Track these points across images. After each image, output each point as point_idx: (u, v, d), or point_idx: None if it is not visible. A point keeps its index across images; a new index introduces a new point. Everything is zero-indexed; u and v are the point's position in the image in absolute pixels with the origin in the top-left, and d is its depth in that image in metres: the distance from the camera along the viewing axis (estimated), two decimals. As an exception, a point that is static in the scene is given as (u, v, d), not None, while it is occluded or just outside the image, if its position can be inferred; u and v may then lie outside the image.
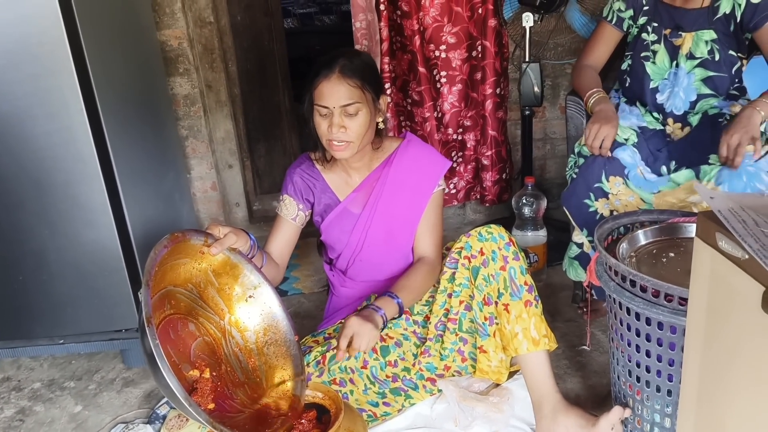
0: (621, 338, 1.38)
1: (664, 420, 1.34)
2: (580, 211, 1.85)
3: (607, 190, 1.77)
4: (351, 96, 1.47)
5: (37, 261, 1.82)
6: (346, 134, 1.49)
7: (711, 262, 0.96)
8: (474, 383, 1.63)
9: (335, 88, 1.46)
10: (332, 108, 1.47)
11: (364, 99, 1.49)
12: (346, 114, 1.48)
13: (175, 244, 1.31)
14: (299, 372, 1.41)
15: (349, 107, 1.47)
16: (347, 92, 1.47)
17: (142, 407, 1.80)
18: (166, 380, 1.11)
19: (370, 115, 1.52)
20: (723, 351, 0.96)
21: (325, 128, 1.50)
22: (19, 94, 1.67)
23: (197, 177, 2.78)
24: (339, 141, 1.50)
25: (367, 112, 1.50)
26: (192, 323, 1.39)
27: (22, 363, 2.07)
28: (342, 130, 1.49)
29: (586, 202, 1.81)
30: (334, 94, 1.47)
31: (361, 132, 1.51)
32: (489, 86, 2.54)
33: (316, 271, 2.52)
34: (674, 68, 1.83)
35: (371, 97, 1.51)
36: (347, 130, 1.49)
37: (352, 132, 1.50)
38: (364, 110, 1.50)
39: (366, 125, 1.51)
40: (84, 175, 1.75)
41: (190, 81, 2.61)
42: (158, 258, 1.25)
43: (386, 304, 1.49)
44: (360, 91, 1.48)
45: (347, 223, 1.67)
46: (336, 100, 1.47)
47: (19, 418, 1.80)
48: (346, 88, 1.47)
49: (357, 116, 1.49)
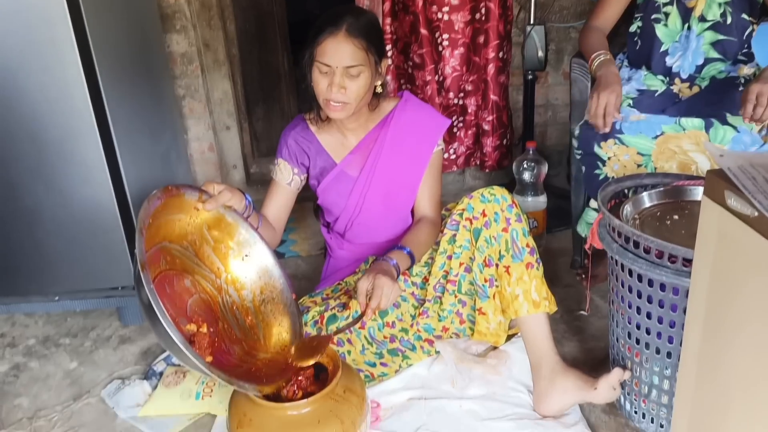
0: (622, 300, 1.37)
1: (662, 382, 1.34)
2: (592, 184, 1.82)
3: (603, 157, 1.75)
4: (355, 57, 1.43)
5: (32, 217, 1.80)
6: (344, 95, 1.46)
7: (719, 220, 0.94)
8: (472, 345, 1.63)
9: (340, 47, 1.42)
10: (334, 67, 1.43)
11: (367, 61, 1.45)
12: (348, 75, 1.44)
13: (169, 198, 1.30)
14: (297, 330, 1.41)
15: (352, 69, 1.43)
16: (352, 53, 1.43)
17: (138, 364, 1.79)
18: (163, 326, 1.10)
19: (371, 78, 1.49)
20: (726, 311, 0.95)
21: (324, 86, 1.46)
22: (13, 46, 1.62)
23: (194, 138, 2.75)
24: (336, 101, 1.47)
25: (368, 75, 1.47)
26: (188, 279, 1.38)
27: (16, 320, 2.07)
28: (342, 91, 1.45)
29: (596, 172, 1.79)
30: (338, 53, 1.42)
31: (361, 94, 1.47)
32: (492, 50, 2.49)
33: (313, 234, 2.51)
34: (686, 31, 1.80)
35: (374, 60, 1.48)
36: (346, 91, 1.45)
37: (351, 94, 1.46)
38: (366, 73, 1.46)
39: (366, 88, 1.48)
40: (79, 131, 1.71)
41: (188, 38, 2.56)
42: (152, 209, 1.24)
43: (397, 256, 1.48)
44: (364, 53, 1.44)
45: (344, 187, 1.65)
46: (339, 60, 1.42)
47: (13, 374, 1.80)
48: (351, 48, 1.42)
49: (358, 78, 1.45)
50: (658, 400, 1.37)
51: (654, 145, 1.69)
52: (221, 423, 1.51)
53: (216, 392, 1.56)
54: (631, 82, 1.84)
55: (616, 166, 1.74)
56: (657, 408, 1.38)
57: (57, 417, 1.61)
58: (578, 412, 1.48)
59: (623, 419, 1.47)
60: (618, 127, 1.70)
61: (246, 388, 1.21)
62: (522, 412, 1.49)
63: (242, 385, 1.21)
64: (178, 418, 1.54)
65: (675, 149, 1.66)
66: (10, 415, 1.63)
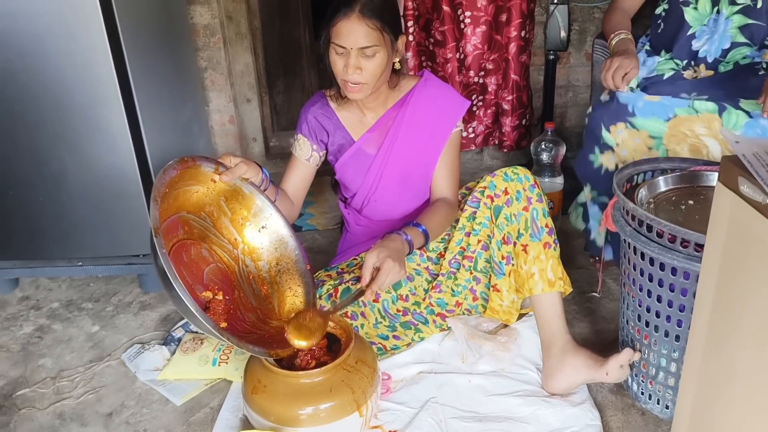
0: (633, 283, 1.38)
1: (669, 364, 1.36)
2: (586, 168, 1.82)
3: (610, 143, 1.74)
4: (369, 38, 1.42)
5: (57, 183, 1.84)
6: (361, 76, 1.45)
7: (731, 207, 0.95)
8: (483, 323, 1.66)
9: (354, 28, 1.41)
10: (349, 48, 1.43)
11: (383, 41, 1.44)
12: (363, 55, 1.44)
13: (185, 169, 1.32)
14: (311, 299, 1.44)
15: (366, 49, 1.43)
16: (366, 33, 1.42)
17: (158, 330, 1.84)
18: (176, 289, 1.13)
19: (387, 57, 1.48)
20: (735, 297, 0.96)
21: (340, 67, 1.46)
22: (39, 12, 1.65)
23: (215, 110, 2.77)
24: (354, 82, 1.47)
25: (384, 54, 1.46)
26: (205, 249, 1.42)
27: (40, 283, 2.12)
28: (358, 72, 1.45)
29: (590, 158, 1.79)
30: (352, 34, 1.41)
31: (377, 74, 1.47)
32: (514, 28, 2.48)
33: (330, 208, 2.53)
34: (715, 14, 1.77)
35: (390, 39, 1.47)
36: (363, 71, 1.45)
37: (368, 73, 1.46)
38: (381, 52, 1.45)
39: (383, 67, 1.47)
40: (104, 98, 1.75)
41: (211, 10, 2.57)
42: (167, 179, 1.27)
43: (412, 233, 1.48)
44: (379, 33, 1.43)
45: (362, 164, 1.66)
46: (354, 41, 1.42)
47: (37, 335, 1.86)
48: (365, 29, 1.41)
49: (374, 58, 1.45)
50: (664, 382, 1.39)
51: (666, 128, 1.67)
52: (236, 389, 1.56)
53: (232, 359, 1.61)
54: (642, 67, 1.81)
55: (624, 152, 1.73)
56: (663, 390, 1.39)
57: (79, 378, 1.67)
58: (585, 391, 1.50)
59: (630, 399, 1.49)
60: (630, 110, 1.69)
61: (256, 351, 1.25)
62: (530, 389, 1.51)
63: (252, 348, 1.25)
64: (195, 383, 1.59)
65: (687, 132, 1.65)
66: (35, 374, 1.69)
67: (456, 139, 1.67)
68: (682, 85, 1.72)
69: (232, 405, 1.52)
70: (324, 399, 1.27)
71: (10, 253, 1.98)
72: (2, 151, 1.80)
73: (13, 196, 1.86)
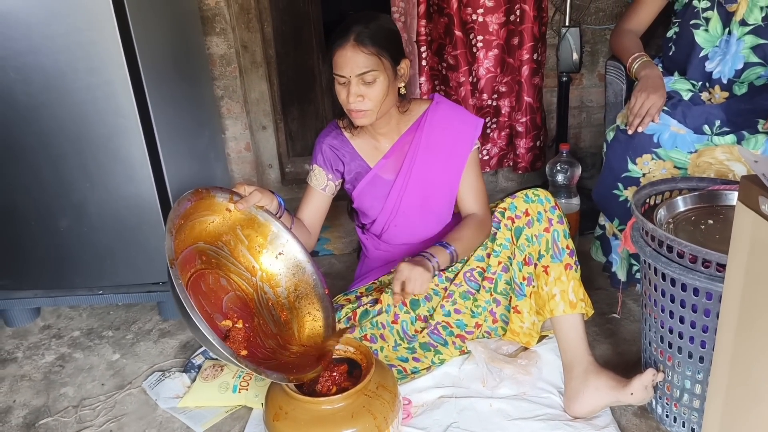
0: (654, 304, 1.37)
1: (694, 386, 1.34)
2: (610, 201, 1.83)
3: (637, 175, 1.74)
4: (366, 64, 1.44)
5: (78, 213, 1.87)
6: (363, 103, 1.47)
7: (752, 226, 0.94)
8: (503, 345, 1.65)
9: (350, 56, 1.44)
10: (349, 77, 1.45)
11: (381, 66, 1.46)
12: (363, 83, 1.46)
13: (200, 200, 1.35)
14: (330, 324, 1.44)
15: (365, 75, 1.45)
16: (362, 61, 1.44)
17: (178, 357, 1.85)
18: (192, 318, 1.15)
19: (389, 82, 1.49)
20: (759, 317, 0.95)
21: (344, 97, 1.49)
22: (61, 47, 1.69)
23: (231, 137, 2.81)
24: (357, 110, 1.49)
25: (384, 79, 1.48)
26: (224, 278, 1.43)
27: (62, 312, 2.15)
28: (359, 99, 1.47)
29: (615, 193, 1.79)
30: (349, 62, 1.44)
31: (380, 99, 1.49)
32: (526, 51, 2.50)
33: (346, 233, 2.55)
34: (726, 35, 1.78)
35: (389, 64, 1.48)
36: (365, 98, 1.47)
37: (371, 100, 1.48)
38: (381, 77, 1.47)
39: (384, 92, 1.49)
40: (124, 130, 1.78)
41: (227, 41, 2.62)
42: (181, 210, 1.29)
43: (438, 253, 1.48)
44: (376, 58, 1.45)
45: (380, 191, 1.67)
46: (351, 70, 1.44)
47: (59, 364, 1.87)
48: (361, 56, 1.43)
49: (374, 84, 1.46)
50: (689, 405, 1.37)
51: (689, 160, 1.69)
52: (257, 416, 1.56)
53: (252, 386, 1.61)
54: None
55: None
56: (688, 412, 1.38)
57: (101, 406, 1.67)
58: (609, 414, 1.48)
59: (654, 422, 1.47)
60: (656, 141, 1.70)
61: (275, 377, 1.25)
62: (552, 412, 1.50)
63: (270, 374, 1.25)
64: (216, 410, 1.59)
65: (710, 161, 1.66)
66: (57, 403, 1.70)
67: (475, 158, 1.66)
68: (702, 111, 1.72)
69: (253, 432, 1.52)
70: (346, 425, 1.26)
71: (31, 282, 2.01)
72: (25, 183, 1.84)
73: (35, 226, 1.89)
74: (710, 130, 1.68)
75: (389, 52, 1.48)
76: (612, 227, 1.93)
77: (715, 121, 1.68)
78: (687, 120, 1.69)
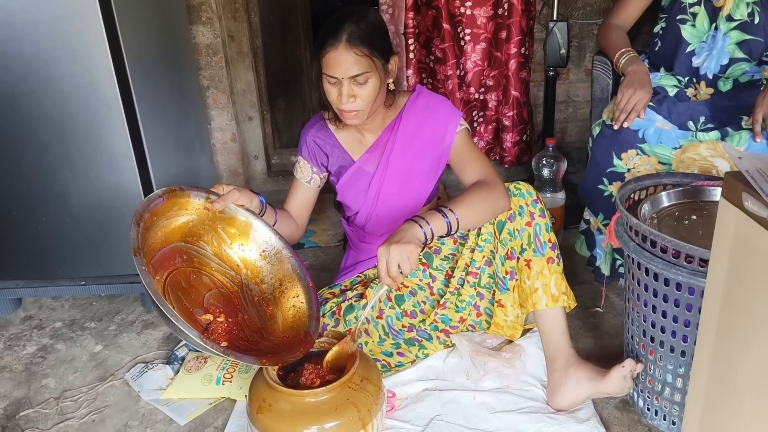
0: (637, 299, 1.38)
1: (675, 380, 1.35)
2: (595, 196, 1.84)
3: (622, 170, 1.75)
4: (359, 66, 1.41)
5: (60, 203, 1.85)
6: (355, 103, 1.45)
7: (735, 222, 0.95)
8: (487, 339, 1.65)
9: (342, 58, 1.40)
10: (341, 78, 1.42)
11: (373, 66, 1.44)
12: (356, 83, 1.43)
13: (172, 197, 1.37)
14: (313, 313, 1.44)
15: (358, 77, 1.42)
16: (355, 62, 1.41)
17: (161, 349, 1.84)
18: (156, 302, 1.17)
19: (380, 81, 1.47)
20: (741, 312, 0.96)
21: (335, 96, 1.46)
22: (43, 35, 1.66)
23: (217, 128, 2.79)
24: (349, 110, 1.47)
25: (376, 79, 1.46)
26: (206, 276, 1.44)
27: (43, 303, 2.12)
28: (352, 100, 1.45)
29: (600, 188, 1.80)
30: (341, 64, 1.41)
31: (372, 98, 1.47)
32: (513, 45, 2.50)
33: (332, 225, 2.54)
34: (713, 31, 1.79)
35: (380, 63, 1.46)
36: (357, 98, 1.45)
37: (362, 100, 1.46)
38: (373, 78, 1.45)
39: (376, 91, 1.47)
40: (108, 119, 1.76)
41: (213, 30, 2.59)
42: (152, 205, 1.32)
43: (432, 218, 1.36)
44: (368, 59, 1.42)
45: (362, 183, 1.67)
46: (344, 71, 1.41)
47: (40, 355, 1.85)
48: (353, 57, 1.40)
49: (366, 84, 1.44)
50: (670, 398, 1.38)
51: (673, 155, 1.70)
52: (241, 408, 1.55)
53: (236, 378, 1.60)
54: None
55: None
56: (669, 405, 1.39)
57: (83, 398, 1.66)
58: (591, 407, 1.49)
59: (636, 416, 1.49)
60: (641, 136, 1.71)
61: (244, 359, 1.26)
62: (535, 405, 1.51)
63: (240, 356, 1.26)
64: (199, 402, 1.59)
65: (695, 156, 1.67)
66: (38, 394, 1.69)
67: (463, 137, 1.59)
68: (687, 107, 1.73)
69: (236, 424, 1.51)
70: (329, 418, 1.26)
71: (13, 272, 1.98)
72: (6, 172, 1.81)
73: (16, 216, 1.86)
74: (695, 126, 1.70)
75: (381, 51, 1.46)
76: (597, 222, 1.94)
77: (700, 117, 1.70)
78: (672, 116, 1.71)
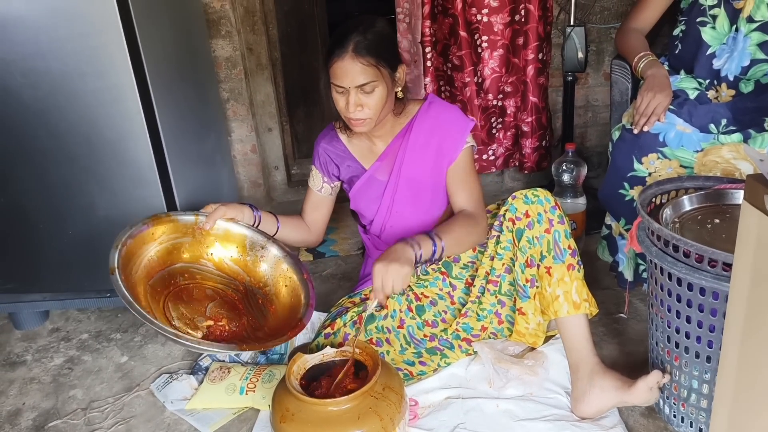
0: (661, 304, 1.37)
1: (701, 386, 1.34)
2: (617, 201, 1.82)
3: (643, 174, 1.74)
4: (366, 75, 1.44)
5: (87, 216, 1.88)
6: (363, 112, 1.48)
7: (758, 225, 0.94)
8: (509, 346, 1.65)
9: (349, 67, 1.43)
10: (348, 87, 1.45)
11: (380, 76, 1.46)
12: (363, 92, 1.46)
13: (158, 224, 1.54)
14: (307, 301, 1.55)
15: (365, 86, 1.45)
16: (362, 71, 1.44)
17: (185, 359, 1.86)
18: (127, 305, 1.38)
19: (388, 89, 1.50)
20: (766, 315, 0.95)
21: (342, 105, 1.49)
22: (68, 52, 1.70)
23: (237, 139, 2.82)
24: (357, 118, 1.50)
25: (383, 88, 1.48)
26: (209, 289, 1.57)
27: (70, 315, 2.16)
28: (359, 108, 1.48)
29: (621, 192, 1.78)
30: (348, 74, 1.44)
31: (379, 107, 1.49)
32: (531, 51, 2.50)
33: (352, 234, 2.55)
34: (733, 32, 1.77)
35: (387, 72, 1.48)
36: (364, 107, 1.48)
37: (370, 109, 1.48)
38: (380, 86, 1.47)
39: (383, 100, 1.49)
40: (131, 133, 1.79)
41: (232, 43, 2.63)
42: (135, 232, 1.50)
43: (423, 242, 1.43)
44: (375, 69, 1.45)
45: (375, 191, 1.68)
46: (350, 81, 1.44)
47: (68, 366, 1.88)
48: (360, 67, 1.43)
49: (373, 93, 1.47)
50: (697, 404, 1.36)
51: (695, 159, 1.68)
52: (264, 417, 1.56)
53: (259, 388, 1.61)
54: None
55: None
56: (696, 412, 1.37)
57: (109, 408, 1.68)
58: (617, 414, 1.48)
59: (662, 423, 1.47)
60: (662, 140, 1.69)
61: (218, 346, 1.37)
62: (559, 413, 1.49)
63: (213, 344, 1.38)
64: (223, 412, 1.60)
65: (717, 159, 1.65)
66: (66, 405, 1.71)
67: (467, 155, 1.62)
68: (708, 110, 1.71)
69: (260, 434, 1.52)
70: (352, 427, 1.26)
71: (40, 285, 2.02)
72: (34, 187, 1.85)
73: (43, 229, 1.90)
74: (716, 129, 1.68)
75: (387, 61, 1.48)
76: (618, 227, 1.93)
77: (722, 119, 1.68)
78: (693, 119, 1.69)
